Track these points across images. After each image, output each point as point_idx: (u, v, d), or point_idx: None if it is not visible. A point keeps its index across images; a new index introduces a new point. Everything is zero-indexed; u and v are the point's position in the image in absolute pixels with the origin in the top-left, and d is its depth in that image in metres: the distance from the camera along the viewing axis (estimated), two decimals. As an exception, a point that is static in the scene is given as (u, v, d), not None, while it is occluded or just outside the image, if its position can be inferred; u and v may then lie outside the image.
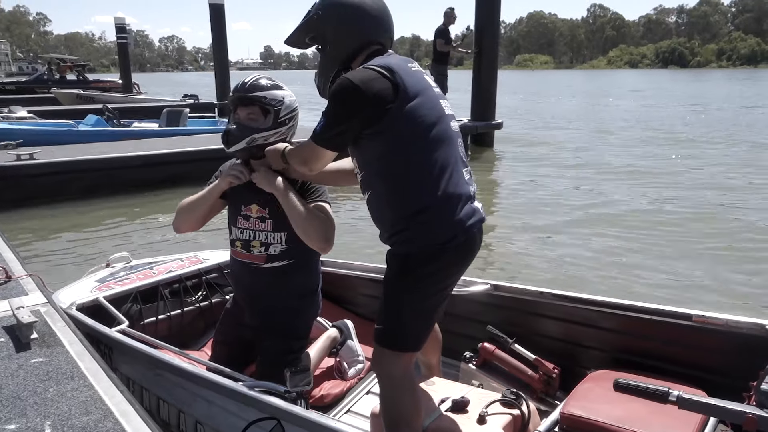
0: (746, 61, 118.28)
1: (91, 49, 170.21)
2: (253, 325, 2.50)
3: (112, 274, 3.19)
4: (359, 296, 3.25)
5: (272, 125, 2.34)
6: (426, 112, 1.89)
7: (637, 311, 2.40)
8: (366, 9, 1.97)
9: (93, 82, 30.85)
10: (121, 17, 28.38)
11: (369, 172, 1.95)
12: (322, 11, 2.00)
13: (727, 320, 2.23)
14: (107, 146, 9.61)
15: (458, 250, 1.91)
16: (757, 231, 6.66)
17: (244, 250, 2.44)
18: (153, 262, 3.38)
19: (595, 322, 2.50)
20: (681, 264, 5.61)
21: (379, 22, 2.01)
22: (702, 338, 2.27)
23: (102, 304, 2.81)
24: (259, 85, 2.34)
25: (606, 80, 66.71)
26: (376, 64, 1.88)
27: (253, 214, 2.41)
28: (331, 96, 1.88)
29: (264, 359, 2.45)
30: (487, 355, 2.62)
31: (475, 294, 2.76)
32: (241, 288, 2.58)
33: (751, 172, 10.22)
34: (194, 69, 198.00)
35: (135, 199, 8.27)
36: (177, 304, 3.12)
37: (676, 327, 2.31)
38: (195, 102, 20.43)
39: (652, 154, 12.47)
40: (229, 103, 2.40)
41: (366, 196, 2.01)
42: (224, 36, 21.37)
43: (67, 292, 2.95)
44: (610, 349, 2.48)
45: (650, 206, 8.00)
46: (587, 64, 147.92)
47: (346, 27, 1.98)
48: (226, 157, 2.54)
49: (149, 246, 6.23)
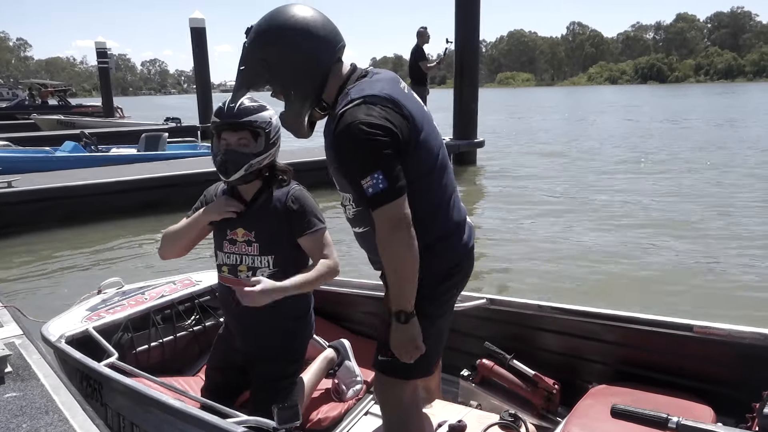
0: (723, 76, 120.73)
1: (72, 74, 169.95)
2: (245, 351, 2.44)
3: (103, 300, 3.12)
4: (356, 313, 3.19)
5: (264, 148, 2.27)
6: (432, 143, 1.81)
7: (638, 323, 2.35)
8: (312, 31, 1.72)
9: (75, 107, 30.81)
10: (102, 42, 28.48)
11: (365, 210, 1.77)
12: (264, 56, 1.73)
13: (730, 330, 2.19)
14: (87, 172, 9.51)
15: (464, 270, 1.92)
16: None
17: (231, 275, 2.38)
18: (145, 286, 3.32)
19: (596, 334, 2.45)
20: (680, 273, 5.63)
21: (331, 38, 1.76)
22: (705, 349, 2.23)
23: (92, 336, 2.73)
24: (248, 108, 2.25)
25: (588, 96, 67.71)
26: (378, 95, 1.69)
27: (239, 237, 2.35)
28: (360, 143, 1.63)
29: (257, 385, 2.38)
30: (485, 372, 2.57)
31: (471, 309, 2.70)
32: (230, 314, 2.51)
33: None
34: (177, 92, 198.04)
35: (117, 225, 8.13)
36: (169, 330, 3.06)
37: (678, 338, 2.27)
38: (177, 125, 20.39)
39: (634, 171, 12.61)
40: (213, 129, 2.30)
41: (359, 230, 1.89)
42: (206, 59, 21.40)
43: (57, 323, 2.86)
44: (612, 363, 2.43)
45: (638, 214, 8.06)
46: (568, 81, 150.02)
47: (302, 64, 1.73)
48: (206, 181, 2.49)
49: (138, 270, 6.10)
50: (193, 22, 20.83)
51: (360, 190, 1.67)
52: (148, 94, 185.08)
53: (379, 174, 1.62)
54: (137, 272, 5.96)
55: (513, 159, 14.54)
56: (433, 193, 1.81)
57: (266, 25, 1.75)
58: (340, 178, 1.83)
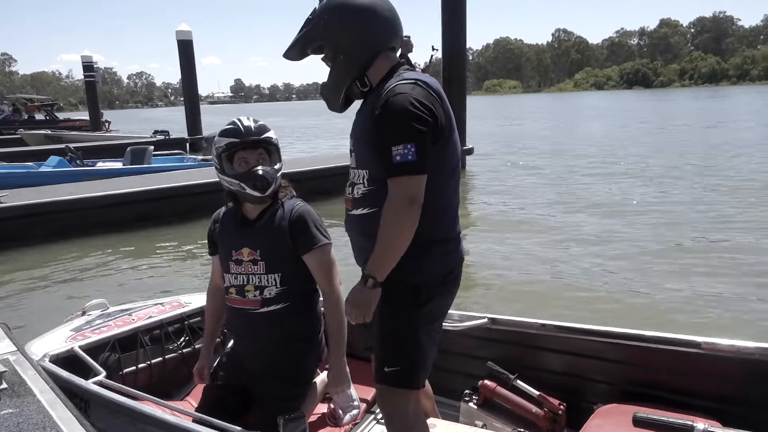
0: (707, 80, 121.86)
1: (58, 88, 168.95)
2: (253, 371, 2.39)
3: (88, 322, 3.05)
4: (353, 336, 3.09)
5: (279, 164, 2.33)
6: (456, 146, 1.88)
7: (644, 340, 2.30)
8: (377, 11, 1.84)
9: (63, 121, 30.67)
10: (88, 56, 28.35)
11: (380, 189, 1.79)
12: (329, 17, 1.84)
13: (738, 347, 2.15)
14: (74, 187, 9.44)
15: (456, 280, 1.96)
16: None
17: (239, 295, 2.35)
18: (132, 308, 3.24)
19: (601, 353, 2.39)
20: (680, 284, 5.54)
21: (392, 24, 1.88)
22: (712, 366, 2.18)
23: (77, 354, 2.66)
24: (263, 126, 2.29)
25: (576, 102, 68.11)
26: (429, 83, 1.79)
27: (244, 257, 2.32)
28: (402, 113, 1.70)
29: (260, 405, 2.33)
30: (488, 393, 2.50)
31: (472, 329, 2.63)
32: (238, 336, 2.48)
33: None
34: (164, 105, 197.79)
35: (105, 240, 8.08)
36: (158, 351, 2.99)
37: (684, 355, 2.22)
38: (166, 138, 20.42)
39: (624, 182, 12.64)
40: (227, 149, 2.25)
41: (361, 211, 1.89)
42: (193, 71, 21.42)
43: (39, 343, 2.80)
44: (618, 382, 2.37)
45: (625, 222, 8.06)
46: (555, 88, 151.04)
47: (359, 33, 1.84)
48: (196, 193, 2.48)
49: (125, 288, 6.04)
50: (180, 35, 20.85)
51: (387, 157, 1.71)
52: (134, 107, 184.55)
53: (412, 146, 1.69)
54: (124, 291, 5.91)
55: (502, 165, 14.60)
56: (446, 194, 1.86)
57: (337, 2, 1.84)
58: (363, 149, 1.86)
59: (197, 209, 8.91)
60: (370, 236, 1.80)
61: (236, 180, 2.25)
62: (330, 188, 10.39)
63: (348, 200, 1.95)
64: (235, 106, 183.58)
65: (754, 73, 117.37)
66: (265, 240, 2.29)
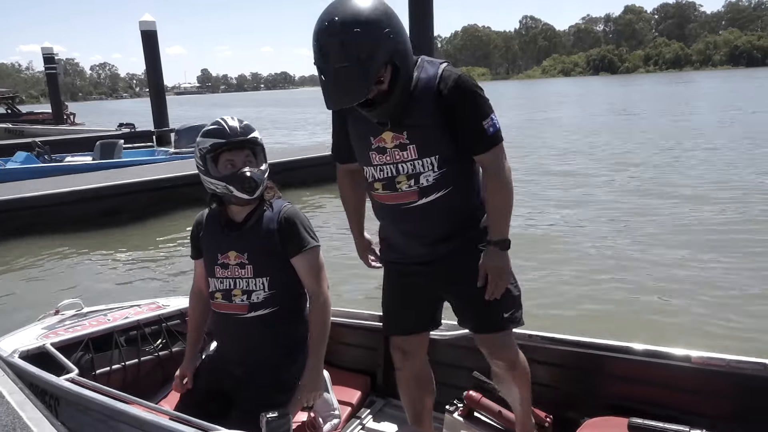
0: (671, 65, 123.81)
1: (18, 80, 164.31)
2: (237, 376, 2.32)
3: (61, 321, 2.97)
4: (334, 344, 2.93)
5: (265, 165, 2.27)
6: None
7: (633, 353, 2.25)
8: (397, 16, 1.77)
9: (25, 114, 29.87)
10: (49, 47, 27.61)
11: (452, 170, 1.89)
12: (390, 30, 1.67)
13: (729, 361, 2.09)
14: (40, 183, 9.23)
15: None
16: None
17: (225, 300, 2.29)
18: (107, 308, 3.15)
19: (589, 366, 2.34)
20: (672, 296, 5.14)
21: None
22: (704, 381, 2.12)
23: (49, 352, 2.58)
24: (249, 126, 2.22)
25: (544, 88, 68.36)
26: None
27: (231, 261, 2.26)
28: (477, 91, 1.83)
29: (240, 410, 2.26)
30: (473, 405, 2.42)
31: (457, 338, 2.54)
32: (224, 342, 2.41)
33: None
34: (129, 96, 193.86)
35: (73, 237, 7.91)
36: (133, 352, 2.89)
37: (675, 369, 2.17)
38: (131, 131, 19.98)
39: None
40: (212, 150, 2.18)
41: (436, 195, 1.90)
42: (158, 62, 20.57)
43: (9, 340, 2.72)
44: (606, 395, 2.31)
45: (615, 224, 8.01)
46: (523, 75, 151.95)
47: (408, 44, 1.78)
48: (164, 188, 2.44)
49: (97, 287, 5.92)
50: (144, 26, 20.25)
51: (479, 131, 1.83)
52: (99, 98, 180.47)
53: (495, 116, 1.86)
54: (95, 289, 5.80)
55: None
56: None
57: (371, 8, 1.66)
58: (430, 134, 1.85)
59: (167, 202, 8.86)
60: (449, 216, 1.94)
61: (223, 182, 2.17)
62: (305, 179, 10.39)
63: (403, 194, 1.91)
64: (203, 96, 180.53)
65: (716, 59, 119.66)
66: (252, 243, 2.23)
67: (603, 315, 4.78)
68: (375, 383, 2.88)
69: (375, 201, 2.03)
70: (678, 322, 4.52)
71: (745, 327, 4.35)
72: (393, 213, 1.97)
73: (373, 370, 2.89)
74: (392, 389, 2.76)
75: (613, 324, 4.52)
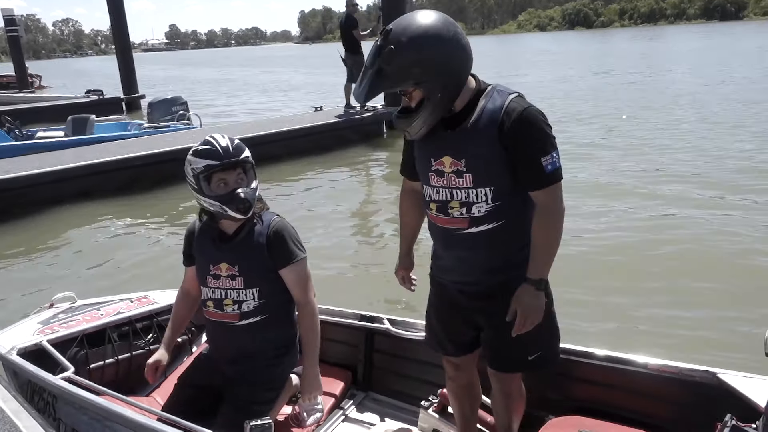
0: (646, 19, 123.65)
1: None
2: (229, 375, 2.44)
3: (56, 315, 3.07)
4: (322, 341, 3.14)
5: (255, 181, 2.34)
6: None
7: (595, 358, 2.40)
8: (462, 40, 1.80)
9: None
10: (9, 8, 26.55)
11: (506, 204, 1.89)
12: (429, 56, 1.74)
13: (681, 368, 2.23)
14: (10, 163, 8.87)
15: None
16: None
17: (217, 309, 2.41)
18: (100, 302, 3.26)
19: (558, 368, 2.41)
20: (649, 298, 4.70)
21: (470, 51, 1.85)
22: (658, 387, 2.26)
23: (45, 349, 2.69)
24: (240, 146, 2.30)
25: (521, 43, 67.25)
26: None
27: (222, 272, 2.37)
28: (541, 127, 1.81)
29: (230, 405, 2.38)
30: (446, 401, 2.55)
31: None
32: (217, 346, 2.53)
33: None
34: (95, 53, 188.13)
35: (53, 218, 7.68)
36: (125, 347, 3.03)
37: (633, 374, 2.31)
38: (100, 98, 19.36)
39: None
40: (206, 171, 2.23)
41: (487, 227, 1.91)
42: (124, 18, 19.16)
43: (6, 335, 2.82)
44: (569, 397, 2.46)
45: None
46: (498, 29, 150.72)
47: (458, 68, 1.81)
48: (142, 165, 2.44)
49: (76, 274, 5.85)
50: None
51: (537, 168, 1.80)
52: (62, 56, 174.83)
53: (556, 153, 1.83)
54: (75, 277, 5.74)
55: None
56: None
57: (424, 29, 1.76)
58: (486, 167, 1.87)
59: (141, 181, 8.69)
60: (497, 249, 1.94)
61: (217, 202, 2.26)
62: (278, 153, 10.24)
63: (455, 220, 1.94)
64: (171, 53, 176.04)
65: (691, 12, 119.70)
66: (243, 256, 2.33)
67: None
68: (356, 377, 3.01)
69: (429, 221, 2.07)
70: (641, 328, 4.22)
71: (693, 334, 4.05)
72: (444, 236, 2.01)
73: (355, 365, 3.02)
74: (372, 383, 2.99)
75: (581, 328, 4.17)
